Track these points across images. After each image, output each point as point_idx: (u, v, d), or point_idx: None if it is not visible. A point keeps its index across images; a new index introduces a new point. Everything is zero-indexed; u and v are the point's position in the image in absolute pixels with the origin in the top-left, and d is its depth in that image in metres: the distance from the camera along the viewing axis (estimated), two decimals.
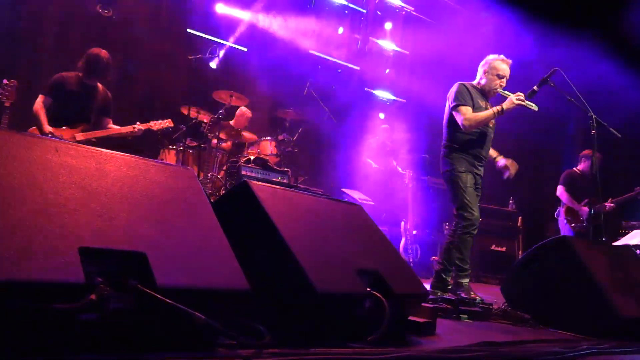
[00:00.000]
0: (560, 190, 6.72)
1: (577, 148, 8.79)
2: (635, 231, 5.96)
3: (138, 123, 4.98)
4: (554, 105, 5.57)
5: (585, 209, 6.53)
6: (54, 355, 1.29)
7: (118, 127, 5.00)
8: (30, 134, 1.59)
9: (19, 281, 1.21)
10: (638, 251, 4.53)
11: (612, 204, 6.75)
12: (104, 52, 4.85)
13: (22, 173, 1.43)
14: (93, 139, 4.75)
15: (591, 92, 4.53)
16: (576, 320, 3.07)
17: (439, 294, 4.00)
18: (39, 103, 4.69)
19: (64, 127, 4.67)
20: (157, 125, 5.11)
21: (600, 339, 2.76)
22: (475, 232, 4.04)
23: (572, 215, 6.46)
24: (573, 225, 6.05)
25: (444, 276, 4.14)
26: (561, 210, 6.77)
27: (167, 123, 5.18)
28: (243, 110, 7.06)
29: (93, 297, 1.30)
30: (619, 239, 5.85)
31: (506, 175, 4.41)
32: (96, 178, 1.61)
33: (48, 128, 4.57)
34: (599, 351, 2.42)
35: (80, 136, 4.67)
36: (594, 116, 4.04)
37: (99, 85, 4.98)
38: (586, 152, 6.68)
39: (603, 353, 2.43)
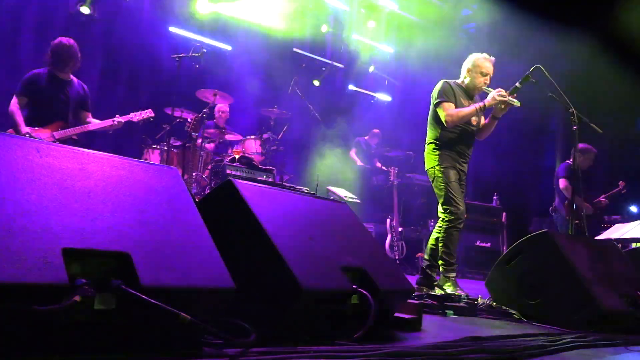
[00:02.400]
0: (564, 184, 6.60)
1: (558, 144, 8.92)
2: (616, 225, 6.04)
3: (117, 116, 4.89)
4: (535, 101, 5.63)
5: (588, 205, 6.55)
6: (37, 357, 1.28)
7: (98, 121, 4.91)
8: (11, 135, 1.57)
9: (1, 283, 1.19)
10: (620, 245, 4.59)
11: (606, 200, 6.83)
12: (66, 40, 4.72)
13: (3, 174, 1.41)
14: (73, 137, 4.66)
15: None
16: (559, 313, 3.12)
17: (424, 290, 4.03)
18: (14, 104, 4.56)
19: (41, 127, 4.57)
20: (137, 116, 5.02)
21: (583, 331, 2.80)
22: (461, 226, 4.07)
23: (573, 211, 6.28)
24: (577, 222, 5.69)
25: (430, 272, 4.17)
26: (561, 205, 6.76)
27: (147, 113, 5.08)
28: (219, 106, 7.08)
29: (77, 298, 1.29)
30: (601, 233, 5.93)
31: None
32: (79, 178, 1.59)
33: (25, 129, 4.46)
34: (582, 344, 2.46)
35: (58, 134, 4.58)
36: (575, 112, 4.09)
37: (74, 78, 4.87)
38: (582, 146, 6.25)
39: (586, 345, 2.46)
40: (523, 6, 7.67)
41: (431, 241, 4.21)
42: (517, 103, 4.03)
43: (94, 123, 4.86)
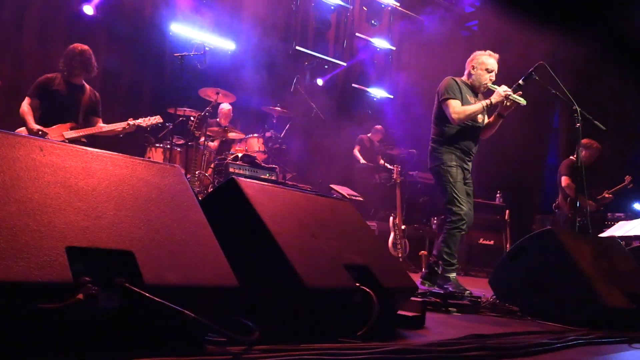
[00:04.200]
0: (566, 181, 6.57)
1: (562, 141, 8.89)
2: (620, 222, 6.04)
3: (131, 119, 4.96)
4: (539, 98, 5.61)
5: (592, 202, 6.53)
6: (42, 356, 1.29)
7: (108, 125, 4.96)
8: (14, 133, 1.57)
9: (5, 282, 1.20)
10: (623, 242, 4.58)
11: (610, 195, 6.81)
12: (81, 46, 4.82)
13: (5, 172, 1.41)
14: (82, 139, 4.71)
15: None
16: (563, 311, 3.11)
17: (427, 285, 4.03)
18: (25, 105, 4.66)
19: (52, 126, 4.63)
20: (146, 121, 5.07)
21: (586, 329, 2.80)
22: (464, 227, 4.03)
23: (576, 208, 6.09)
24: (579, 219, 5.50)
25: (436, 269, 4.16)
26: (564, 202, 6.73)
27: (156, 119, 5.14)
28: (222, 106, 7.08)
29: (81, 296, 1.29)
30: (604, 231, 5.92)
31: None
32: (82, 177, 1.59)
33: (35, 126, 4.53)
34: (586, 341, 2.45)
35: (69, 134, 4.63)
36: (578, 109, 4.07)
37: (86, 85, 4.94)
38: (585, 141, 6.26)
39: (590, 343, 2.46)
40: (525, 3, 7.65)
41: (440, 238, 4.21)
42: (522, 101, 4.02)
43: (105, 126, 4.92)
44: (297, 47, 8.88)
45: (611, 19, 7.17)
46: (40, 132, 4.46)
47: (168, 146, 6.16)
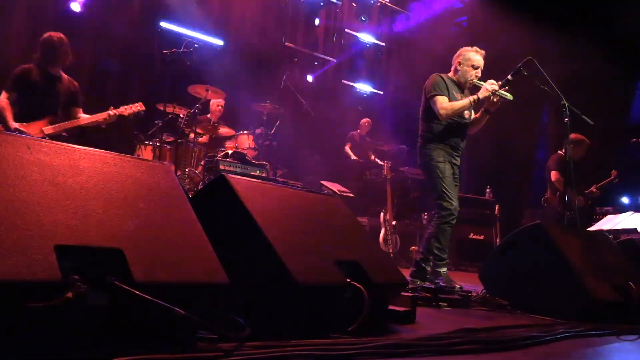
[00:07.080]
0: (555, 176, 6.59)
1: (550, 136, 8.94)
2: (608, 216, 6.08)
3: (112, 108, 4.79)
4: (527, 93, 5.64)
5: (580, 197, 6.56)
6: (31, 354, 1.28)
7: (89, 116, 4.83)
8: (0, 131, 1.56)
9: None
10: (611, 236, 4.62)
11: (598, 191, 6.85)
12: (55, 35, 4.64)
13: None
14: (63, 133, 4.59)
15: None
16: (552, 304, 3.14)
17: (418, 282, 4.04)
18: (3, 100, 4.49)
19: (30, 122, 4.51)
20: (128, 109, 4.89)
21: (575, 322, 2.83)
22: (454, 222, 4.07)
23: (565, 203, 6.10)
24: (568, 213, 5.45)
25: (424, 265, 4.18)
26: (553, 197, 6.77)
27: (138, 107, 4.91)
28: (215, 101, 7.04)
29: (70, 294, 1.29)
30: (593, 225, 5.96)
31: None
32: (70, 175, 1.58)
33: (14, 124, 4.40)
34: (575, 334, 2.48)
35: (48, 129, 4.52)
36: (566, 104, 4.10)
37: (63, 75, 4.80)
38: (574, 136, 6.18)
39: (579, 336, 2.49)
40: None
41: (426, 234, 4.22)
42: (509, 97, 4.03)
43: (85, 117, 4.79)
44: (287, 44, 8.86)
45: (599, 16, 7.22)
46: (17, 131, 4.32)
47: (157, 143, 6.12)
